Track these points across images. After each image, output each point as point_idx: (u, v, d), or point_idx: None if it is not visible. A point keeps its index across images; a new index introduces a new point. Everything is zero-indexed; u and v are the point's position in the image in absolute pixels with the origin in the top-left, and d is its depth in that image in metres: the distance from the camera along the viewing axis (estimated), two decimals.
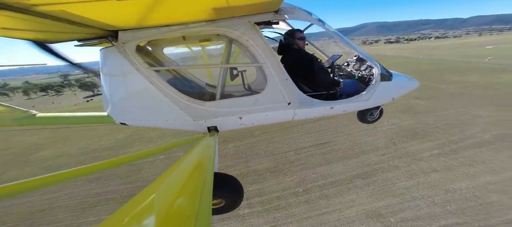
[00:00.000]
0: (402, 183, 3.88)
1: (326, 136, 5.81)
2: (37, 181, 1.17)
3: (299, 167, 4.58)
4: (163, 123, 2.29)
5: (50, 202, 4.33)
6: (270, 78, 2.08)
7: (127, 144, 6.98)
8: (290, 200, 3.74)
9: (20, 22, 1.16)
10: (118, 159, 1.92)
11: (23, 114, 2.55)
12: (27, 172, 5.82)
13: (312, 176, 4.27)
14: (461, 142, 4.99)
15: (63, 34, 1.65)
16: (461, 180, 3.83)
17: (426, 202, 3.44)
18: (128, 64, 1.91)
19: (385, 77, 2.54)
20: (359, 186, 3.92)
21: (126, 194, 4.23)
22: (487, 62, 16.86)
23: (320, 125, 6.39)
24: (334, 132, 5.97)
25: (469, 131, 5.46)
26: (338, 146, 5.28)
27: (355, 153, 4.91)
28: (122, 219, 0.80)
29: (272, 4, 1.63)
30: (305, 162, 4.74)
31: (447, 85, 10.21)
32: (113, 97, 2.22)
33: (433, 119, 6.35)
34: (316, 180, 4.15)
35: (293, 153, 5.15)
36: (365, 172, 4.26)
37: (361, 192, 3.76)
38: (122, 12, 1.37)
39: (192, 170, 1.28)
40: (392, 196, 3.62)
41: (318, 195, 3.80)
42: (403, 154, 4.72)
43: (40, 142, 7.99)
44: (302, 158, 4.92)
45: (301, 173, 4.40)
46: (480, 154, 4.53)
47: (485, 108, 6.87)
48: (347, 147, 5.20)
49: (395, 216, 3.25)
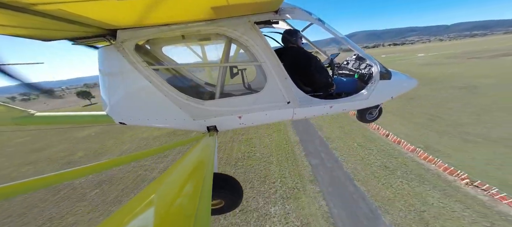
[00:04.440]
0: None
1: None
2: (37, 181, 1.18)
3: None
4: (162, 123, 2.29)
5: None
6: (269, 77, 2.08)
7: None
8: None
9: (17, 19, 1.15)
10: (118, 159, 1.92)
11: (21, 113, 2.54)
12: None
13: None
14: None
15: (60, 32, 1.63)
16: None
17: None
18: (127, 63, 1.90)
19: (384, 75, 2.55)
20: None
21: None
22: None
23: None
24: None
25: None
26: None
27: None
28: (122, 218, 0.80)
29: (272, 4, 1.63)
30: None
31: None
32: (112, 96, 2.21)
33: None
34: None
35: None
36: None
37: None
38: (121, 11, 1.36)
39: (192, 170, 1.29)
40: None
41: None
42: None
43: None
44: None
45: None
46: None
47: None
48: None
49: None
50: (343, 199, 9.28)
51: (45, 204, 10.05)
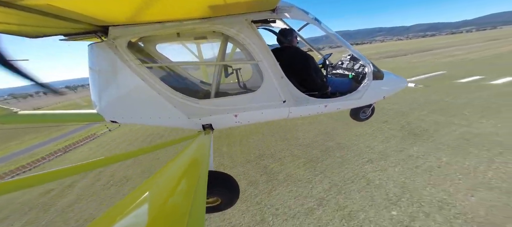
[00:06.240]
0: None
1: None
2: (37, 177, 1.15)
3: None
4: (156, 121, 2.25)
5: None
6: (266, 76, 2.08)
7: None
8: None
9: (2, 15, 1.10)
10: (116, 156, 1.89)
11: (3, 112, 2.41)
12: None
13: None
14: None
15: (48, 29, 1.57)
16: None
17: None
18: (119, 61, 1.85)
19: (377, 76, 2.61)
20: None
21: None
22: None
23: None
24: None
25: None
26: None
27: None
28: (115, 217, 0.79)
29: (269, 2, 1.63)
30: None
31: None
32: (103, 94, 2.15)
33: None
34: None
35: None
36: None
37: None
38: (113, 7, 1.32)
39: (187, 168, 1.28)
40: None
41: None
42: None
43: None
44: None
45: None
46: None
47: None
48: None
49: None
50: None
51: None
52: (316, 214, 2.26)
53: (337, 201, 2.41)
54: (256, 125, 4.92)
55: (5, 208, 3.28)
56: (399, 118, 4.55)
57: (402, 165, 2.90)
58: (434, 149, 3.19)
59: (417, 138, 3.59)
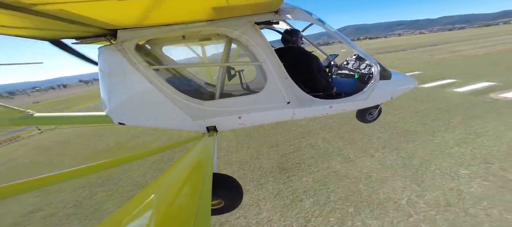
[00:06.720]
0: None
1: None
2: (37, 181, 1.17)
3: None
4: (162, 123, 2.28)
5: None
6: (270, 78, 2.07)
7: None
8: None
9: (18, 19, 1.15)
10: (117, 160, 1.92)
11: (20, 114, 2.53)
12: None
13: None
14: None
15: (61, 32, 1.63)
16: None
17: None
18: (127, 63, 1.89)
19: (384, 76, 2.55)
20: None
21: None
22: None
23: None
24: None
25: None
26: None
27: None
28: (121, 219, 0.80)
29: (272, 4, 1.63)
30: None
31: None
32: (112, 96, 2.20)
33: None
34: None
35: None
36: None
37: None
38: (122, 11, 1.36)
39: (191, 170, 1.29)
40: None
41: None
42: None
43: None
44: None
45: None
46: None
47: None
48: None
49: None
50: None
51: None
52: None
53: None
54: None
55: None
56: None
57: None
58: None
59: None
